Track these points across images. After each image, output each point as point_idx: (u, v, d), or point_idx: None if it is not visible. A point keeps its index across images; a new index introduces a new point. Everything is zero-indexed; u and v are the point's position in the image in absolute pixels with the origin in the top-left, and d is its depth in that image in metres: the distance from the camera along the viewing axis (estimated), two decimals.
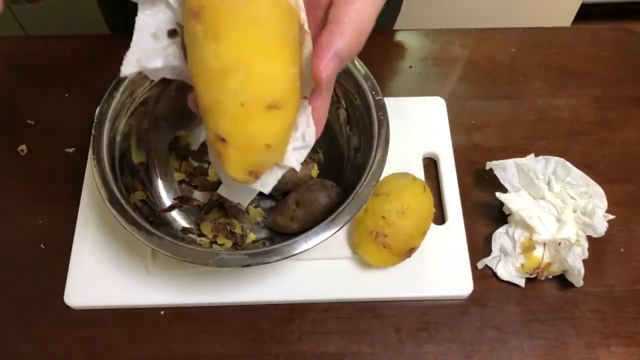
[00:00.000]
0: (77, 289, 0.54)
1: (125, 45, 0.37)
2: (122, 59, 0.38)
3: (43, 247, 0.57)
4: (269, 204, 0.59)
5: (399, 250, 0.52)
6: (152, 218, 0.54)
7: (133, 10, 0.37)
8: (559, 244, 0.53)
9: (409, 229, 0.52)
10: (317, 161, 0.60)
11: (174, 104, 0.60)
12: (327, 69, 0.32)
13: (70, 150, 0.63)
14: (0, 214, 0.59)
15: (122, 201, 0.48)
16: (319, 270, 0.55)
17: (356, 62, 0.55)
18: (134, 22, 0.36)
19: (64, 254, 0.56)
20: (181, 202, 0.58)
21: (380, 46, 0.72)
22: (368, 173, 0.49)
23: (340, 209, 0.48)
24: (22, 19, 1.26)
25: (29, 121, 0.65)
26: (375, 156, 0.50)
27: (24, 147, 0.63)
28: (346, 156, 0.59)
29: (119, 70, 0.56)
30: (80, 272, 0.55)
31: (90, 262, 0.56)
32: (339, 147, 0.60)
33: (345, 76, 0.56)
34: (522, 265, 0.55)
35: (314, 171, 0.59)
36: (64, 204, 0.59)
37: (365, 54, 0.58)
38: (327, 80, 0.32)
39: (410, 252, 0.53)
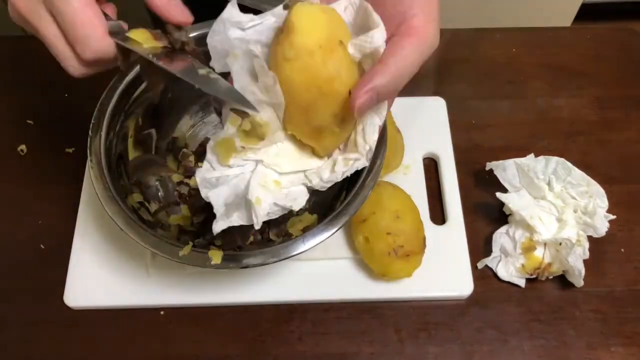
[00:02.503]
0: (77, 289, 0.54)
1: None
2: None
3: (43, 247, 0.57)
4: None
5: (419, 246, 0.53)
6: (149, 219, 0.54)
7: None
8: (560, 244, 0.53)
9: (413, 223, 0.53)
10: None
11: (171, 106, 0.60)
12: (361, 98, 0.36)
13: (70, 150, 0.63)
14: (0, 214, 0.59)
15: (120, 203, 0.48)
16: (319, 270, 0.55)
17: None
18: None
19: (63, 254, 0.56)
20: (179, 203, 0.57)
21: None
22: (365, 174, 0.49)
23: (338, 210, 0.48)
24: None
25: (29, 121, 0.65)
26: (372, 157, 0.50)
27: (24, 147, 0.63)
28: None
29: (118, 70, 0.56)
30: (80, 272, 0.55)
31: (90, 262, 0.55)
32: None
33: None
34: (523, 265, 0.55)
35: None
36: (64, 204, 0.59)
37: None
38: (359, 108, 0.36)
39: (424, 241, 0.54)
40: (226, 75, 0.40)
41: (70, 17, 0.35)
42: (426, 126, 0.64)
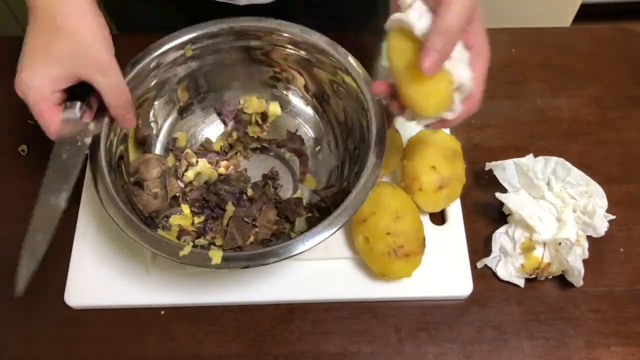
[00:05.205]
0: (77, 289, 0.54)
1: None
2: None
3: None
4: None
5: (419, 246, 0.53)
6: (150, 219, 0.54)
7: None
8: (559, 243, 0.53)
9: (412, 223, 0.53)
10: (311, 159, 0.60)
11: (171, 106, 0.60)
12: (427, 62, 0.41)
13: None
14: (1, 214, 0.59)
15: (120, 203, 0.48)
16: (319, 270, 0.55)
17: (354, 64, 0.55)
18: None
19: (64, 253, 0.56)
20: (179, 202, 0.57)
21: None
22: (365, 174, 0.49)
23: (338, 210, 0.48)
24: (22, 19, 1.27)
25: (29, 121, 0.65)
26: (372, 158, 0.50)
27: (24, 147, 0.63)
28: (344, 158, 0.59)
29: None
30: (81, 272, 0.55)
31: (91, 262, 0.56)
32: (336, 148, 0.60)
33: (343, 77, 0.56)
34: (522, 265, 0.55)
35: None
36: None
37: (366, 55, 0.58)
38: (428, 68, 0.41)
39: (424, 241, 0.54)
40: None
41: (32, 107, 0.49)
42: None
